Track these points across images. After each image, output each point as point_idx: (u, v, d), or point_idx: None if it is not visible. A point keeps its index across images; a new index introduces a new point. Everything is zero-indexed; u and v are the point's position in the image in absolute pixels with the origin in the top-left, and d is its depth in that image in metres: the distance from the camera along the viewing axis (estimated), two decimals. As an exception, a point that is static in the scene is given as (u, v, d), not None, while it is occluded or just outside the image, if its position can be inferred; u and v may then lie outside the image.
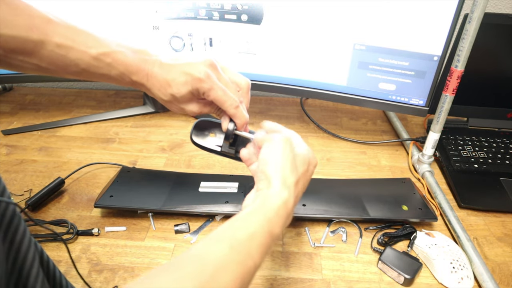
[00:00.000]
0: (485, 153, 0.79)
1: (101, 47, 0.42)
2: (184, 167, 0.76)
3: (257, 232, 0.34)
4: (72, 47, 0.40)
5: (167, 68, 0.44)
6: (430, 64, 0.70)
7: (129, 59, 0.43)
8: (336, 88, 0.78)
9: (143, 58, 0.44)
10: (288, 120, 0.94)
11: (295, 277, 0.55)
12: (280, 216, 0.36)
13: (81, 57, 0.41)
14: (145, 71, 0.44)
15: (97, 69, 0.42)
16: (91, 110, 0.95)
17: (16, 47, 0.38)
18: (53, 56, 0.40)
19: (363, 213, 0.62)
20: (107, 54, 0.42)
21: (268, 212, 0.35)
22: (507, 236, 0.63)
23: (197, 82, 0.43)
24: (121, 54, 0.42)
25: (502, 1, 0.93)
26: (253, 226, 0.34)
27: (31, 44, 0.39)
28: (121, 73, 0.43)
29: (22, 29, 0.38)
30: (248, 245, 0.32)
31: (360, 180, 0.73)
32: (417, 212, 0.63)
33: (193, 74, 0.43)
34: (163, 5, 0.75)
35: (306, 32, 0.74)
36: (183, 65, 0.44)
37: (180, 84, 0.43)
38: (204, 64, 0.44)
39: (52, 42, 0.39)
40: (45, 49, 0.39)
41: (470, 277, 0.55)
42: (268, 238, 0.34)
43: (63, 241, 0.58)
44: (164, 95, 0.45)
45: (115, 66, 0.43)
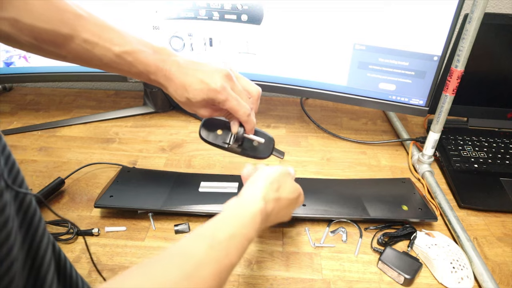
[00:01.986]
0: (485, 153, 0.79)
1: (124, 45, 0.44)
2: (184, 167, 0.76)
3: (235, 235, 0.37)
4: (98, 44, 0.42)
5: (184, 71, 0.46)
6: (430, 64, 0.70)
7: (149, 59, 0.45)
8: (336, 88, 0.78)
9: (162, 58, 0.46)
10: (288, 120, 0.94)
11: (295, 277, 0.55)
12: (255, 222, 0.39)
13: (105, 53, 0.43)
14: (163, 72, 0.46)
15: (118, 65, 0.44)
16: (91, 110, 0.95)
17: (48, 39, 0.41)
18: (79, 50, 0.42)
19: (363, 213, 0.62)
20: (129, 53, 0.44)
21: (246, 218, 0.39)
22: (507, 236, 0.63)
23: (213, 93, 0.46)
24: (142, 54, 0.44)
25: (502, 1, 0.93)
26: (232, 228, 0.37)
27: (61, 37, 0.41)
28: (141, 71, 0.45)
29: (55, 23, 0.40)
30: (226, 245, 0.35)
31: (360, 180, 0.73)
32: (417, 212, 0.63)
33: (210, 84, 0.46)
34: (163, 5, 0.75)
35: (306, 32, 0.74)
36: (200, 72, 0.46)
37: (196, 91, 0.46)
38: (220, 75, 0.46)
39: (80, 37, 0.42)
40: (73, 42, 0.42)
41: (470, 277, 0.55)
42: (245, 241, 0.37)
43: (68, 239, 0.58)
44: (180, 97, 0.47)
45: (136, 65, 0.45)
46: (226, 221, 0.38)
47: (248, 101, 0.50)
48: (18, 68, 0.83)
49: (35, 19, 0.39)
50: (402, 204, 0.64)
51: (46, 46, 0.42)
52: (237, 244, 0.36)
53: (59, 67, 0.83)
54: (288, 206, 0.47)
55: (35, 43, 0.41)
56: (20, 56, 0.82)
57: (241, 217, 0.39)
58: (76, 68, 0.82)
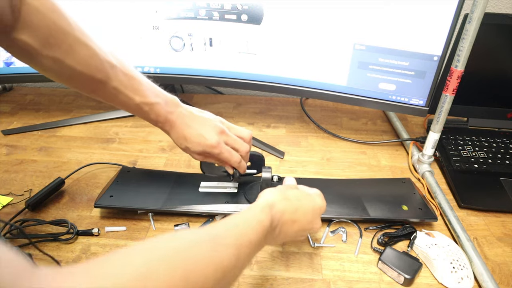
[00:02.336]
0: (485, 153, 0.79)
1: (144, 97, 0.51)
2: (184, 167, 0.76)
3: (237, 224, 0.38)
4: (123, 92, 0.50)
5: (185, 122, 0.54)
6: (430, 64, 0.70)
7: (161, 111, 0.53)
8: (336, 88, 0.78)
9: (170, 110, 0.54)
10: (288, 120, 0.94)
11: (295, 277, 0.55)
12: (254, 229, 0.39)
13: (126, 100, 0.51)
14: (170, 122, 0.54)
15: (135, 111, 0.53)
16: (91, 110, 0.95)
17: (83, 80, 0.47)
18: (107, 93, 0.49)
19: (363, 213, 0.62)
20: (147, 104, 0.52)
21: (246, 223, 0.39)
22: (507, 236, 0.63)
23: (209, 147, 0.54)
24: (156, 106, 0.52)
25: (502, 1, 0.93)
26: (235, 220, 0.39)
27: (95, 82, 0.47)
28: (152, 119, 0.54)
29: (92, 69, 0.46)
30: (224, 236, 0.35)
31: (360, 180, 0.73)
32: (417, 212, 0.63)
33: (206, 140, 0.54)
34: (163, 5, 0.75)
35: (306, 32, 0.74)
36: (199, 125, 0.54)
37: (194, 143, 0.54)
38: (215, 131, 0.55)
39: (110, 84, 0.48)
40: (104, 87, 0.48)
41: (470, 277, 0.55)
42: (246, 242, 0.37)
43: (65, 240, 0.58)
44: (180, 145, 0.56)
45: (149, 114, 0.53)
46: (233, 216, 0.40)
47: (242, 145, 0.58)
48: (18, 68, 0.83)
49: (76, 63, 0.45)
50: (402, 204, 0.64)
51: (78, 84, 0.48)
52: (238, 234, 0.37)
53: (59, 67, 0.83)
54: (301, 221, 0.47)
55: (69, 80, 0.47)
56: (20, 56, 0.82)
57: (243, 222, 0.39)
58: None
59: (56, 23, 0.42)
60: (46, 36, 0.42)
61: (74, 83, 0.48)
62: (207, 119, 0.56)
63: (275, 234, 0.43)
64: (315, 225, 0.49)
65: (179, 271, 0.28)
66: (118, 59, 0.49)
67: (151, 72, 0.83)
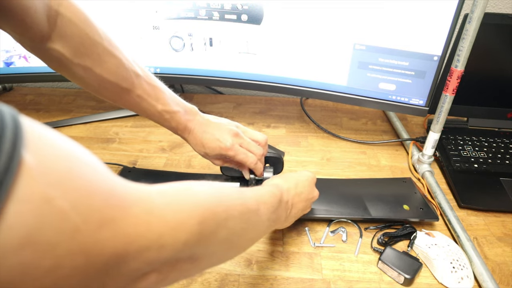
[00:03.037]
0: (485, 153, 0.79)
1: (166, 105, 0.54)
2: (184, 167, 0.76)
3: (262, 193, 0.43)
4: (146, 100, 0.52)
5: (203, 129, 0.57)
6: (430, 64, 0.70)
7: (181, 119, 0.56)
8: (336, 88, 0.78)
9: (189, 119, 0.57)
10: (288, 120, 0.94)
11: (295, 277, 0.55)
12: (268, 192, 0.44)
13: (149, 108, 0.53)
14: (188, 130, 0.57)
15: (157, 118, 0.55)
16: (91, 110, 0.95)
17: (110, 88, 0.49)
18: (131, 101, 0.52)
19: (365, 213, 0.62)
20: (168, 112, 0.54)
21: (261, 189, 0.44)
22: (507, 236, 0.63)
23: (225, 150, 0.57)
24: (177, 114, 0.55)
25: (502, 1, 0.93)
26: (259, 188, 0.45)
27: (121, 90, 0.50)
28: (172, 127, 0.57)
29: (119, 78, 0.49)
30: (245, 190, 0.41)
31: (361, 180, 0.73)
32: (419, 211, 0.63)
33: (222, 143, 0.57)
34: (163, 5, 0.75)
35: (306, 32, 0.74)
36: (215, 130, 0.57)
37: (211, 148, 0.57)
38: (230, 134, 0.57)
39: (135, 92, 0.51)
40: (129, 95, 0.51)
41: (470, 277, 0.55)
42: (264, 200, 0.42)
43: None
44: (199, 151, 0.59)
45: (170, 122, 0.56)
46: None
47: (257, 148, 0.60)
48: (18, 68, 0.83)
49: (104, 71, 0.47)
50: (403, 204, 0.64)
51: (105, 92, 0.50)
52: (255, 193, 0.42)
53: (59, 67, 0.83)
54: (303, 192, 0.53)
55: (97, 88, 0.49)
56: (20, 56, 0.82)
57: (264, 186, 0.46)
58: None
59: (87, 34, 0.45)
60: (78, 45, 0.44)
61: (102, 91, 0.50)
62: (222, 124, 0.59)
63: (288, 207, 0.49)
64: (314, 193, 0.56)
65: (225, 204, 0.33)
66: (142, 69, 0.52)
67: (151, 72, 0.83)
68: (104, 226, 0.21)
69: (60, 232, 0.19)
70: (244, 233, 0.37)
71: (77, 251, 0.20)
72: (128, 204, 0.23)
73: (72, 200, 0.19)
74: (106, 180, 0.23)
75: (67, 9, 0.43)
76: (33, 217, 0.17)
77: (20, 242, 0.17)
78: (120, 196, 0.23)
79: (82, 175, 0.21)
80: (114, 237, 0.22)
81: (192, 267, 0.30)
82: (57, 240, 0.19)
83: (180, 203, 0.28)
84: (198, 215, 0.29)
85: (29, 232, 0.17)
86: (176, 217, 0.27)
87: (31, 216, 0.17)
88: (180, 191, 0.30)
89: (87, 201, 0.21)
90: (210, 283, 0.54)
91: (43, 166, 0.19)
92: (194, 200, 0.30)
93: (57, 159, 0.20)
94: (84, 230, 0.20)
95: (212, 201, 0.31)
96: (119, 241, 0.22)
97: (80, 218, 0.20)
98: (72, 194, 0.20)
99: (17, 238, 0.17)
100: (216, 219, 0.31)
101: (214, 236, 0.31)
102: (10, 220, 0.17)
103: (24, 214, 0.17)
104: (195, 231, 0.28)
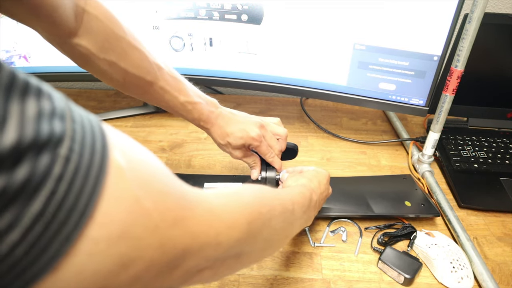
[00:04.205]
0: (485, 153, 0.79)
1: (188, 97, 0.55)
2: (184, 167, 0.76)
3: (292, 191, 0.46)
4: (169, 91, 0.53)
5: (226, 121, 0.59)
6: (430, 64, 0.70)
7: (204, 110, 0.57)
8: (336, 88, 0.78)
9: (211, 110, 0.58)
10: (288, 120, 0.94)
11: (295, 277, 0.55)
12: (299, 193, 0.46)
13: (172, 99, 0.54)
14: (211, 121, 0.58)
15: (179, 110, 0.56)
16: (91, 110, 0.94)
17: (134, 81, 0.51)
18: (154, 93, 0.53)
19: (368, 210, 0.63)
20: (191, 103, 0.55)
21: (292, 190, 0.47)
22: (507, 236, 0.63)
23: (251, 140, 0.58)
24: (199, 105, 0.56)
25: (502, 1, 0.93)
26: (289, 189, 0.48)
27: (145, 82, 0.51)
28: (195, 118, 0.57)
29: (143, 71, 0.50)
30: (279, 191, 0.43)
31: (362, 178, 0.73)
32: (420, 207, 0.64)
33: (249, 133, 0.58)
34: (163, 5, 0.75)
35: (306, 32, 0.74)
36: (240, 122, 0.59)
37: (237, 137, 0.58)
38: (256, 125, 0.59)
39: (158, 84, 0.52)
40: (152, 88, 0.52)
41: (470, 276, 0.55)
42: (296, 200, 0.44)
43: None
44: (222, 140, 0.59)
45: (192, 112, 0.56)
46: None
47: (277, 143, 0.61)
48: (18, 68, 0.83)
49: (129, 65, 0.49)
50: (405, 200, 0.65)
51: (130, 86, 0.52)
52: (289, 193, 0.44)
53: (59, 67, 0.83)
54: (324, 191, 0.55)
55: (122, 82, 0.50)
56: (20, 56, 0.82)
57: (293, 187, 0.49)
58: (76, 68, 0.82)
59: (112, 29, 0.47)
60: (103, 41, 0.46)
61: (126, 85, 0.52)
62: (247, 115, 0.61)
63: (316, 206, 0.51)
64: (329, 189, 0.58)
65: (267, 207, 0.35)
66: (164, 62, 0.53)
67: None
68: (176, 224, 0.23)
69: (145, 228, 0.21)
70: (282, 232, 0.40)
71: (156, 245, 0.22)
72: (194, 205, 0.26)
73: (153, 200, 0.22)
74: (177, 183, 0.26)
75: (93, 6, 0.45)
76: (127, 214, 0.20)
77: (119, 235, 0.20)
78: (188, 197, 0.26)
79: (160, 178, 0.24)
80: (183, 234, 0.24)
81: (236, 263, 0.32)
82: (142, 235, 0.21)
83: (233, 204, 0.30)
84: (248, 215, 0.31)
85: (125, 227, 0.20)
86: (231, 217, 0.29)
87: (126, 213, 0.20)
88: (230, 193, 0.32)
89: (164, 202, 0.23)
90: (210, 283, 0.54)
91: (132, 168, 0.22)
92: (243, 202, 0.32)
93: (141, 162, 0.23)
94: (162, 227, 0.22)
95: (257, 202, 0.34)
96: (186, 238, 0.24)
97: (159, 216, 0.22)
98: (154, 195, 0.22)
99: (116, 231, 0.20)
100: (262, 218, 0.33)
101: (259, 235, 0.33)
102: (111, 216, 0.19)
103: (121, 212, 0.20)
104: (245, 230, 0.30)
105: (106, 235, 0.19)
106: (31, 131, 0.16)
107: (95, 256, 0.19)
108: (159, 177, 0.24)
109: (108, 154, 0.20)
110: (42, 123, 0.17)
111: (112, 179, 0.20)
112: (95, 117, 0.21)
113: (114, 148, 0.21)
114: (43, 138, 0.17)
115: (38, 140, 0.16)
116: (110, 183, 0.19)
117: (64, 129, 0.18)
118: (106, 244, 0.19)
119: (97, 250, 0.19)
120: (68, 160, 0.18)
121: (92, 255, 0.19)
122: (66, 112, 0.19)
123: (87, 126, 0.20)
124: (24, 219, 0.16)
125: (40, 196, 0.16)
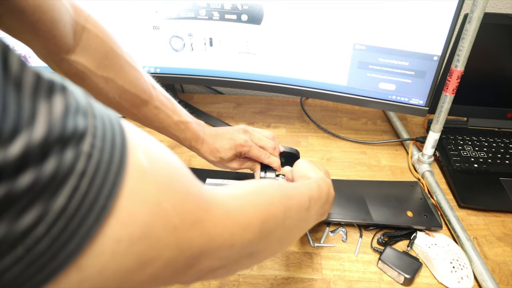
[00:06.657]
0: (485, 153, 0.79)
1: (180, 116, 0.56)
2: (184, 167, 0.76)
3: (297, 187, 0.43)
4: (164, 111, 0.54)
5: (214, 138, 0.60)
6: (430, 64, 0.70)
7: (195, 130, 0.58)
8: (336, 88, 0.78)
9: (201, 130, 0.59)
10: (288, 120, 0.94)
11: (295, 277, 0.55)
12: (306, 186, 0.45)
13: (166, 119, 0.55)
14: (201, 140, 0.59)
15: (172, 129, 0.56)
16: (91, 110, 0.95)
17: (129, 99, 0.51)
18: (148, 112, 0.53)
19: (367, 218, 0.62)
20: (183, 122, 0.57)
21: (298, 185, 0.45)
22: (507, 236, 0.63)
23: (240, 147, 0.59)
24: (191, 124, 0.58)
25: (502, 1, 0.93)
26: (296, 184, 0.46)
27: (140, 101, 0.52)
28: (187, 138, 0.58)
29: (139, 89, 0.51)
30: (285, 184, 0.41)
31: (366, 182, 0.72)
32: (422, 218, 0.63)
33: (236, 140, 0.59)
34: (163, 5, 0.75)
35: (306, 32, 0.74)
36: (225, 134, 0.60)
37: (227, 150, 0.59)
38: (240, 132, 0.60)
39: (153, 104, 0.53)
40: (147, 106, 0.53)
41: (470, 276, 0.55)
42: (303, 194, 0.43)
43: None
44: (214, 158, 0.60)
45: (185, 132, 0.57)
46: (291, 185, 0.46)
47: (268, 142, 0.62)
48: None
49: (126, 82, 0.49)
50: (407, 210, 0.64)
51: (125, 104, 0.52)
52: (294, 187, 0.42)
53: (59, 67, 0.83)
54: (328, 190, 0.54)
55: (118, 100, 0.50)
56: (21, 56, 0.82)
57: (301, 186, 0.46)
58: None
59: (111, 47, 0.47)
60: (102, 58, 0.47)
61: (122, 103, 0.51)
62: (230, 127, 0.62)
63: (330, 200, 0.50)
64: (333, 191, 0.56)
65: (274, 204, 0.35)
66: (155, 82, 0.55)
67: (151, 72, 0.83)
68: (194, 226, 0.24)
69: (164, 229, 0.22)
70: (296, 229, 0.40)
71: (173, 246, 0.23)
72: (211, 207, 0.26)
73: (173, 202, 0.23)
74: (195, 185, 0.26)
75: (92, 24, 0.46)
76: (148, 216, 0.21)
77: (139, 236, 0.20)
78: (206, 199, 0.26)
79: (180, 180, 0.25)
80: (200, 236, 0.25)
81: (249, 261, 0.33)
82: (161, 236, 0.22)
83: (248, 205, 0.31)
84: (261, 216, 0.31)
85: (145, 228, 0.21)
86: (245, 219, 0.29)
87: (147, 215, 0.21)
88: (246, 194, 0.33)
89: (184, 204, 0.24)
90: (210, 283, 0.54)
91: (154, 169, 0.22)
92: (258, 202, 0.32)
93: (163, 164, 0.24)
94: (180, 228, 0.23)
95: (273, 202, 0.34)
96: (203, 239, 0.25)
97: (178, 218, 0.23)
98: (173, 197, 0.23)
99: (138, 232, 0.20)
100: (276, 220, 0.33)
101: (273, 235, 0.33)
102: (133, 217, 0.20)
103: (143, 213, 0.21)
104: (258, 231, 0.30)
105: (128, 235, 0.20)
106: (58, 127, 0.17)
107: (117, 255, 0.20)
108: (180, 179, 0.25)
109: (127, 149, 0.20)
110: (68, 119, 0.17)
111: (135, 180, 0.20)
112: (113, 113, 0.21)
113: (137, 149, 0.21)
114: (68, 133, 0.17)
115: (63, 136, 0.17)
116: (132, 183, 0.20)
117: (86, 125, 0.18)
118: (127, 244, 0.20)
119: (119, 249, 0.20)
120: (90, 156, 0.18)
121: (115, 254, 0.19)
122: (88, 108, 0.19)
123: (106, 122, 0.20)
124: (50, 214, 0.16)
125: (64, 192, 0.17)
